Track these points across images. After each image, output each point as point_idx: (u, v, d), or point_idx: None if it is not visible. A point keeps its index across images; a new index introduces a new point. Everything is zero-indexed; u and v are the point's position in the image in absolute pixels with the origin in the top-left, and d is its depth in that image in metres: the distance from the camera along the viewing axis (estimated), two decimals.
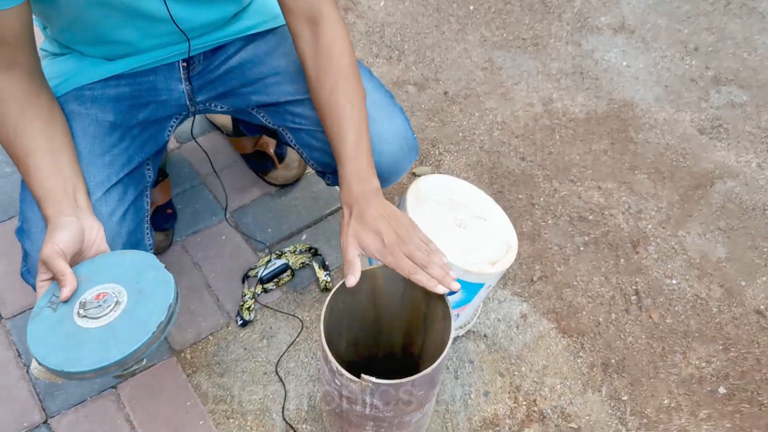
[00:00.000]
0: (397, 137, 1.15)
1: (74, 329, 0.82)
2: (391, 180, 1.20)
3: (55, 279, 0.86)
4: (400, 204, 1.23)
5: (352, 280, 0.97)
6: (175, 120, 1.26)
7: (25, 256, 1.02)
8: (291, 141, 1.25)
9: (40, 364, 0.82)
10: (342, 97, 1.05)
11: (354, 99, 1.05)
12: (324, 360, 1.02)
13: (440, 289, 0.96)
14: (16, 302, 1.45)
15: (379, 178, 1.07)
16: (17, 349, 1.39)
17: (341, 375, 0.98)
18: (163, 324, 0.83)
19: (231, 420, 1.32)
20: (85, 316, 0.83)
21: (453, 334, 1.01)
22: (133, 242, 1.10)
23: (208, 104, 1.27)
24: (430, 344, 1.14)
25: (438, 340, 1.08)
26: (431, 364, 0.95)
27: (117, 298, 0.85)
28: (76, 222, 0.91)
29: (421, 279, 0.96)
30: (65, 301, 0.85)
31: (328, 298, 1.01)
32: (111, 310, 0.83)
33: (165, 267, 0.90)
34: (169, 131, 1.26)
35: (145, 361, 0.84)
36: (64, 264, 0.85)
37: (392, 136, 1.15)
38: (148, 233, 1.16)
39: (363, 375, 0.96)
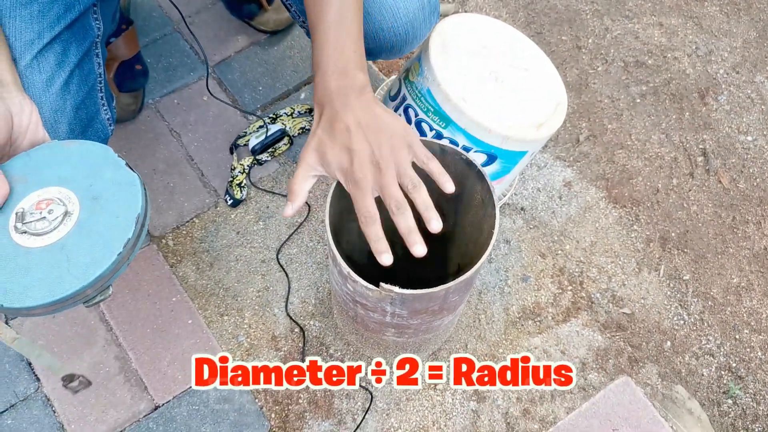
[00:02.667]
0: None
1: (12, 249, 0.66)
2: (404, 50, 0.99)
3: None
4: (422, 54, 1.02)
5: (288, 210, 0.76)
6: None
7: None
8: None
9: None
10: None
11: None
12: (332, 260, 0.82)
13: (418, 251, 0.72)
14: None
15: (389, 47, 0.93)
16: None
17: (354, 281, 0.77)
18: (131, 242, 0.65)
19: (225, 317, 1.15)
20: (25, 232, 0.66)
21: (498, 226, 0.79)
22: (83, 119, 0.89)
23: None
24: (461, 230, 0.98)
25: (473, 226, 0.93)
26: (463, 251, 0.76)
27: (66, 207, 0.67)
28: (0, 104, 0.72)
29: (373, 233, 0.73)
30: None
31: (335, 183, 0.82)
32: (60, 224, 0.66)
33: (127, 163, 0.70)
34: None
35: (111, 290, 0.66)
36: None
37: None
38: (104, 105, 0.95)
39: (382, 284, 0.75)
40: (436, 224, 0.73)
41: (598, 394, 1.10)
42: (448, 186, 0.75)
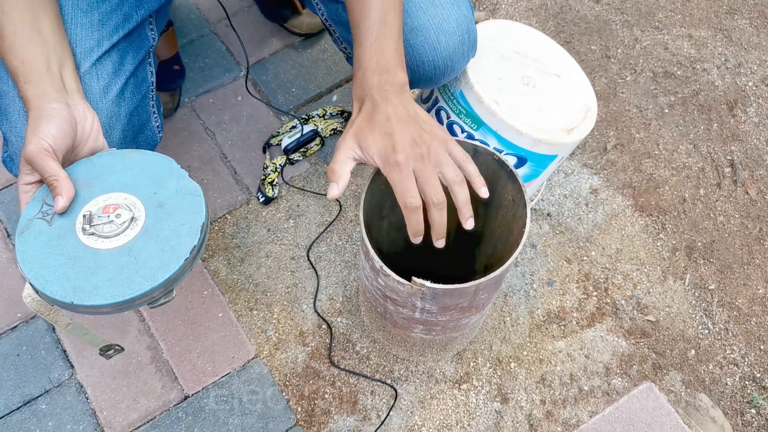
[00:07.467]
0: (459, 29, 0.94)
1: (80, 250, 0.67)
2: (441, 81, 0.99)
3: (45, 183, 0.71)
4: None
5: (333, 191, 0.77)
6: None
7: (5, 141, 0.83)
8: (321, 13, 1.06)
9: (37, 292, 0.66)
10: None
11: None
12: (364, 255, 0.84)
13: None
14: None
15: (428, 78, 0.94)
16: (5, 229, 1.22)
17: (386, 275, 0.79)
18: (195, 248, 0.68)
19: (254, 312, 1.16)
20: (93, 234, 0.68)
21: (529, 225, 0.81)
22: (135, 126, 0.90)
23: None
24: (490, 230, 0.99)
25: (503, 226, 0.94)
26: (491, 251, 0.77)
27: (132, 213, 0.70)
28: (65, 110, 0.73)
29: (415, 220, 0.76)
30: (61, 213, 0.70)
31: (368, 181, 0.84)
32: (127, 228, 0.69)
33: (189, 174, 0.73)
34: None
35: (174, 293, 0.69)
36: (56, 165, 0.69)
37: (454, 26, 0.94)
38: (155, 113, 0.96)
39: (414, 278, 0.77)
40: (470, 222, 0.78)
41: (622, 399, 1.11)
42: (483, 191, 0.79)
